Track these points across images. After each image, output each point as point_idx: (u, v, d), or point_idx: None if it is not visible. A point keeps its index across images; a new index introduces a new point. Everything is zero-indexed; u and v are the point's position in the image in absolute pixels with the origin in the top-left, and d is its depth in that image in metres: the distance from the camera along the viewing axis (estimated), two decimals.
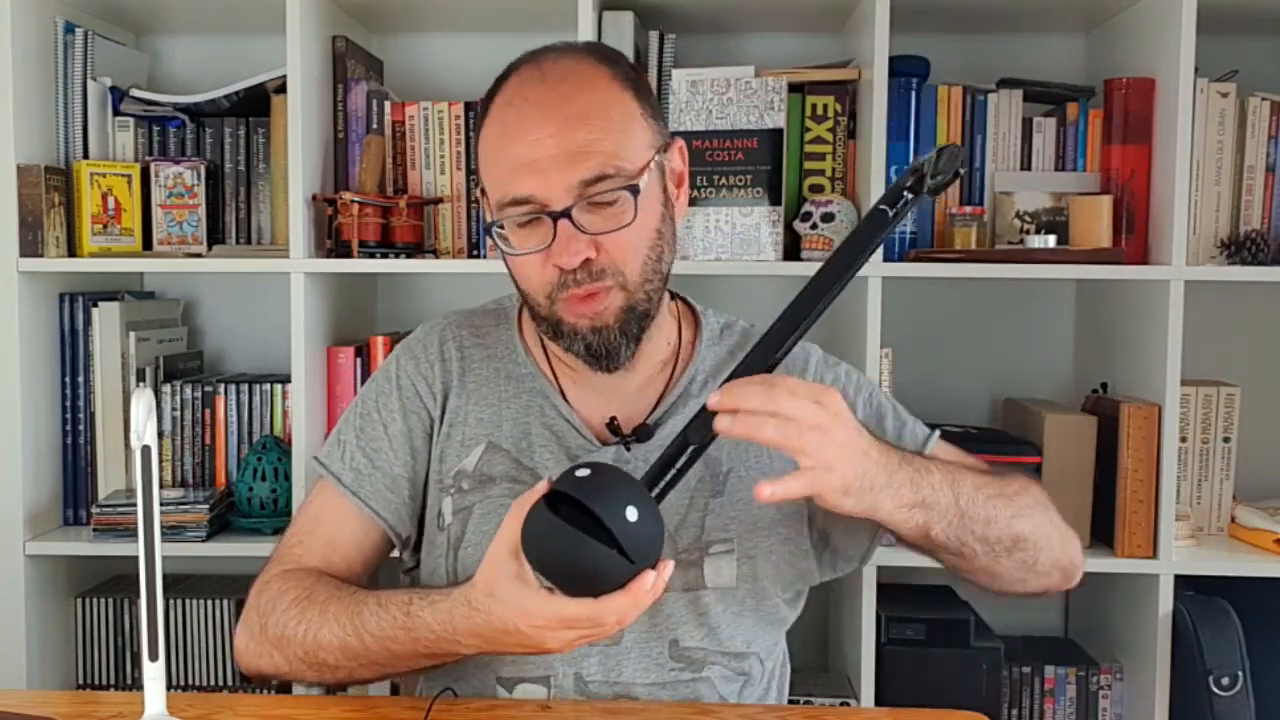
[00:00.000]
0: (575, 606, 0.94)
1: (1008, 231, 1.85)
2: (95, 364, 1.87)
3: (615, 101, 1.12)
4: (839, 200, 1.78)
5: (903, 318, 1.85)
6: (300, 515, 1.26)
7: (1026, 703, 1.86)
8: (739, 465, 1.20)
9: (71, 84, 1.85)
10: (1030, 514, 1.13)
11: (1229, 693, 1.71)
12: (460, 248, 1.86)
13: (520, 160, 1.09)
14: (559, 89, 1.11)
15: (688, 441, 1.01)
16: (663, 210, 1.15)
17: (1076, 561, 1.21)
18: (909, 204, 1.05)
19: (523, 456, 1.19)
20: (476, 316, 1.30)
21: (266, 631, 1.14)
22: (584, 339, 1.13)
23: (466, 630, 1.02)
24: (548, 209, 1.08)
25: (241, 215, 1.94)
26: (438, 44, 2.10)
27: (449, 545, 1.19)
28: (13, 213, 1.75)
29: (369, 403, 1.26)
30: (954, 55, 1.99)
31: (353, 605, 1.10)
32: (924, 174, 1.06)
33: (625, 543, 0.91)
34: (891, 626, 1.81)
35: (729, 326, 1.29)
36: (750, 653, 1.20)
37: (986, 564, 1.13)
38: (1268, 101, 1.84)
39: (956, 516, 1.07)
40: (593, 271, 1.10)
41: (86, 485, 1.88)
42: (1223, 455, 1.88)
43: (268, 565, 1.21)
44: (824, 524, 1.22)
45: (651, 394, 1.22)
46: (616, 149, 1.09)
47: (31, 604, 1.80)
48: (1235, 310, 2.01)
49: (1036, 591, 1.20)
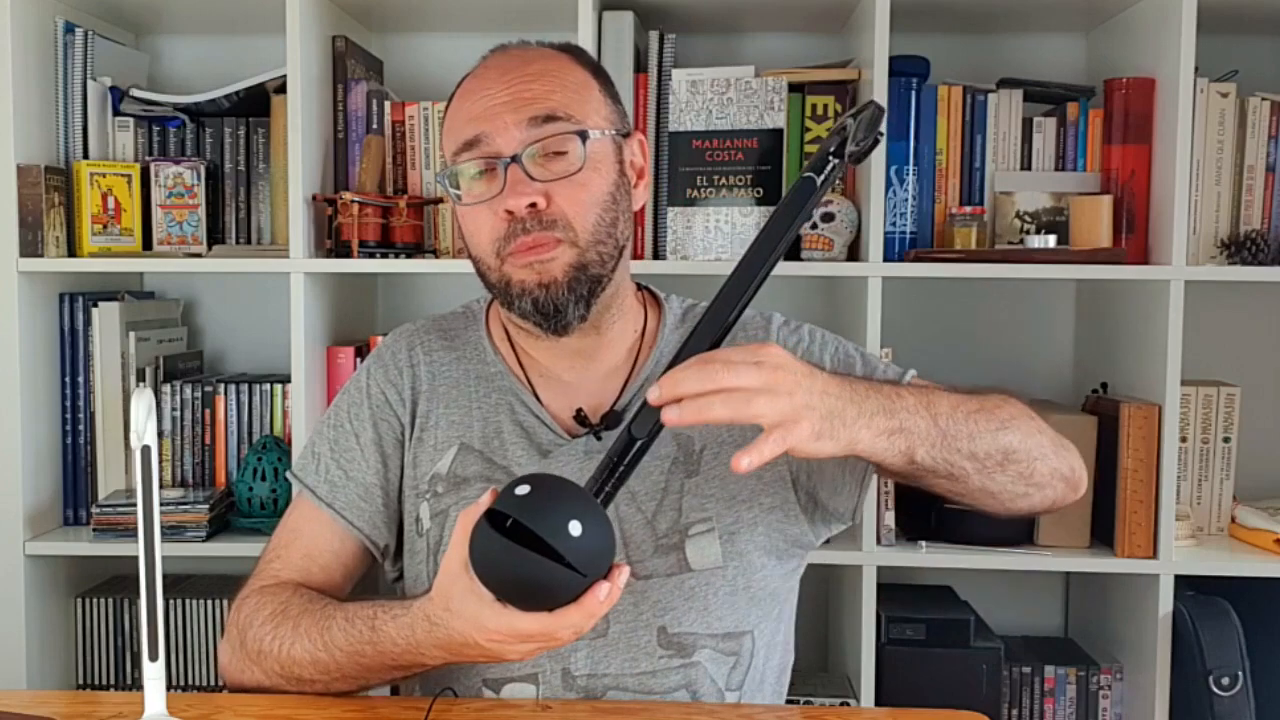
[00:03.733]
0: (528, 621, 0.94)
1: (1008, 231, 1.85)
2: (95, 364, 1.87)
3: (571, 72, 1.18)
4: (839, 200, 1.78)
5: (903, 318, 1.85)
6: (279, 530, 1.27)
7: (1026, 703, 1.86)
8: (712, 441, 1.19)
9: (71, 84, 1.85)
10: (1016, 425, 1.10)
11: (1229, 693, 1.71)
12: (460, 248, 1.86)
13: (474, 110, 1.15)
14: (519, 57, 1.19)
15: (633, 437, 0.99)
16: (618, 179, 1.17)
17: (1077, 469, 1.17)
18: (836, 170, 1.04)
19: (495, 455, 1.20)
20: (445, 321, 1.31)
21: (245, 647, 1.14)
22: (532, 295, 1.13)
23: (429, 643, 1.02)
24: (498, 155, 1.12)
25: (241, 215, 1.94)
26: (438, 44, 2.10)
27: (428, 550, 1.20)
28: (13, 213, 1.75)
29: (341, 414, 1.26)
30: (954, 55, 1.99)
31: (323, 620, 1.10)
32: (846, 139, 1.04)
33: (572, 558, 0.90)
34: (891, 626, 1.80)
35: (691, 309, 1.29)
36: (743, 632, 1.18)
37: (981, 483, 1.09)
38: (1268, 101, 1.84)
39: (939, 437, 1.03)
40: (542, 220, 1.11)
41: (86, 485, 1.88)
42: (1223, 455, 1.88)
43: (248, 581, 1.22)
44: (809, 484, 1.20)
45: (617, 382, 1.22)
46: (568, 102, 1.14)
47: (31, 604, 1.80)
48: (1235, 310, 2.01)
49: (1043, 507, 1.16)
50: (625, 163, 1.19)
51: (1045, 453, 1.12)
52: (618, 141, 1.18)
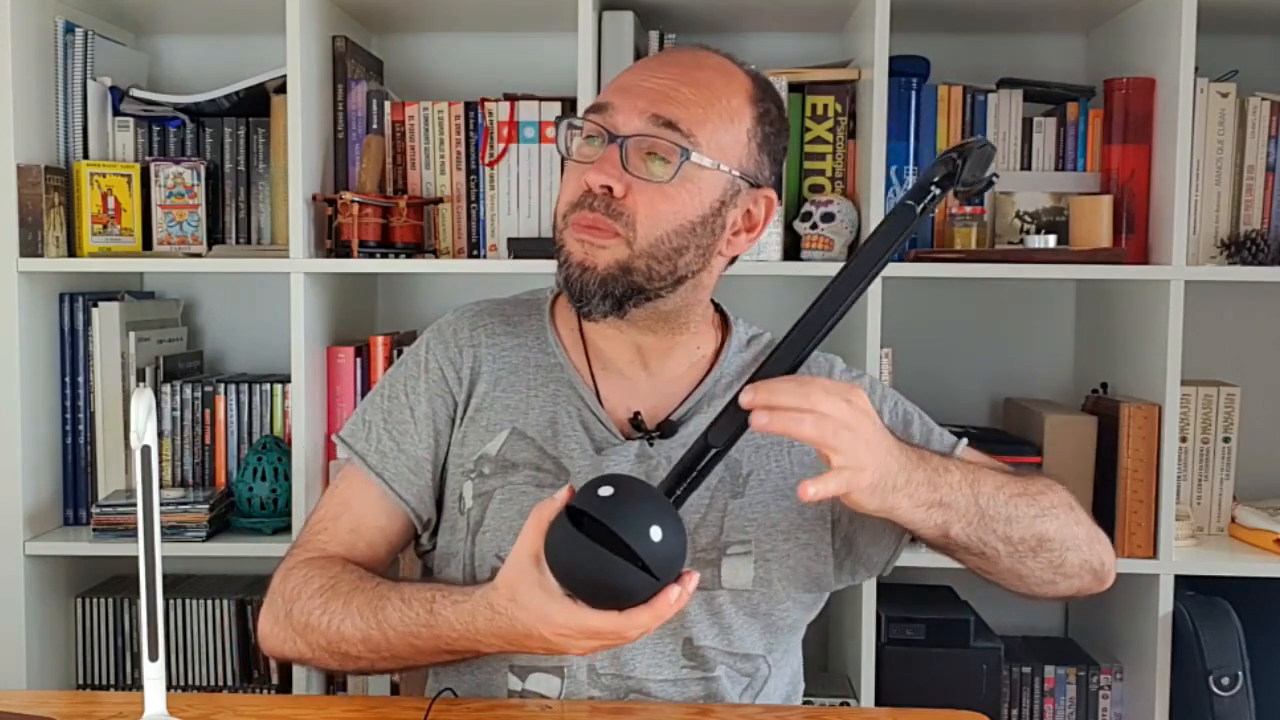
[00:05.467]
0: (600, 619, 0.95)
1: (1008, 231, 1.85)
2: (95, 364, 1.87)
3: (731, 98, 1.14)
4: (839, 200, 1.78)
5: (903, 318, 1.85)
6: (327, 499, 1.26)
7: (1026, 703, 1.86)
8: (759, 468, 1.20)
9: (71, 84, 1.85)
10: (1055, 514, 1.13)
11: (1229, 693, 1.71)
12: (460, 248, 1.86)
13: (624, 81, 1.15)
14: (693, 58, 1.17)
15: (709, 445, 1.01)
16: (709, 215, 1.14)
17: (1107, 562, 1.20)
18: (936, 199, 1.04)
19: (547, 445, 1.19)
20: (509, 305, 1.30)
21: (291, 619, 1.14)
22: (568, 269, 1.13)
23: (488, 632, 1.03)
24: (614, 129, 1.11)
25: (241, 215, 1.94)
26: (438, 44, 2.10)
27: (468, 529, 1.19)
28: (13, 213, 1.75)
29: (396, 385, 1.25)
30: (954, 55, 1.99)
31: (376, 599, 1.10)
32: (953, 172, 1.05)
33: (650, 562, 0.92)
34: (891, 626, 1.81)
35: (756, 337, 1.29)
36: (758, 655, 1.20)
37: (1010, 565, 1.12)
38: (1268, 101, 1.84)
39: (977, 516, 1.07)
40: (611, 208, 1.11)
41: (86, 485, 1.88)
42: (1223, 455, 1.88)
43: (292, 550, 1.21)
44: (849, 528, 1.21)
45: (678, 392, 1.22)
46: (700, 120, 1.11)
47: (31, 604, 1.80)
48: (1235, 310, 2.02)
49: (1068, 594, 1.19)
50: (735, 206, 1.16)
51: (1079, 544, 1.15)
52: (736, 184, 1.14)
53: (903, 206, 1.05)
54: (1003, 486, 1.10)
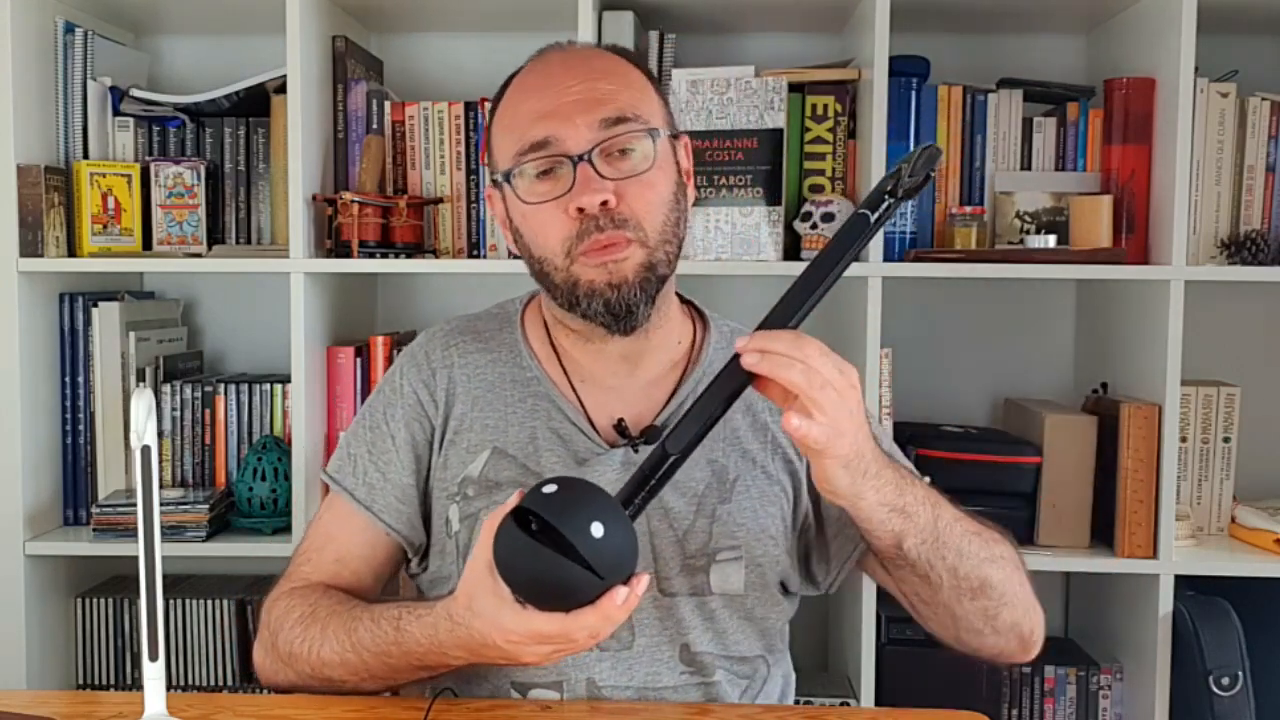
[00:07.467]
0: (545, 622, 0.94)
1: (1008, 231, 1.85)
2: (95, 364, 1.87)
3: (631, 71, 1.18)
4: (839, 200, 1.78)
5: (903, 318, 1.85)
6: (312, 530, 1.27)
7: (1026, 703, 1.86)
8: (745, 473, 1.20)
9: (71, 84, 1.85)
10: (1001, 565, 1.12)
11: (1229, 693, 1.71)
12: (460, 248, 1.86)
13: (542, 107, 1.12)
14: (581, 54, 1.19)
15: (666, 452, 0.99)
16: (678, 180, 1.17)
17: (1037, 633, 1.18)
18: (891, 208, 1.04)
19: (529, 461, 1.19)
20: (479, 321, 1.29)
21: (278, 649, 1.16)
22: (603, 296, 1.12)
23: (451, 643, 1.03)
24: (568, 153, 1.10)
25: (241, 215, 1.94)
26: (438, 44, 2.10)
27: (458, 552, 1.19)
28: (13, 213, 1.75)
29: (376, 414, 1.26)
30: (954, 55, 1.99)
31: (350, 621, 1.11)
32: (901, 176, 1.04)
33: (591, 559, 0.91)
34: (891, 626, 1.81)
35: (737, 332, 1.29)
36: (756, 656, 1.21)
37: (949, 600, 1.12)
38: (1268, 101, 1.84)
39: (932, 536, 1.07)
40: (615, 219, 1.10)
41: (86, 485, 1.88)
42: (1223, 455, 1.88)
43: (279, 581, 1.23)
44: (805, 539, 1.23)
45: (660, 394, 1.22)
46: (636, 102, 1.14)
47: (31, 604, 1.80)
48: (1235, 310, 2.01)
49: (991, 653, 1.18)
50: (679, 161, 1.19)
51: (1016, 603, 1.14)
52: (672, 142, 1.18)
53: (858, 214, 1.04)
54: (960, 519, 1.10)
